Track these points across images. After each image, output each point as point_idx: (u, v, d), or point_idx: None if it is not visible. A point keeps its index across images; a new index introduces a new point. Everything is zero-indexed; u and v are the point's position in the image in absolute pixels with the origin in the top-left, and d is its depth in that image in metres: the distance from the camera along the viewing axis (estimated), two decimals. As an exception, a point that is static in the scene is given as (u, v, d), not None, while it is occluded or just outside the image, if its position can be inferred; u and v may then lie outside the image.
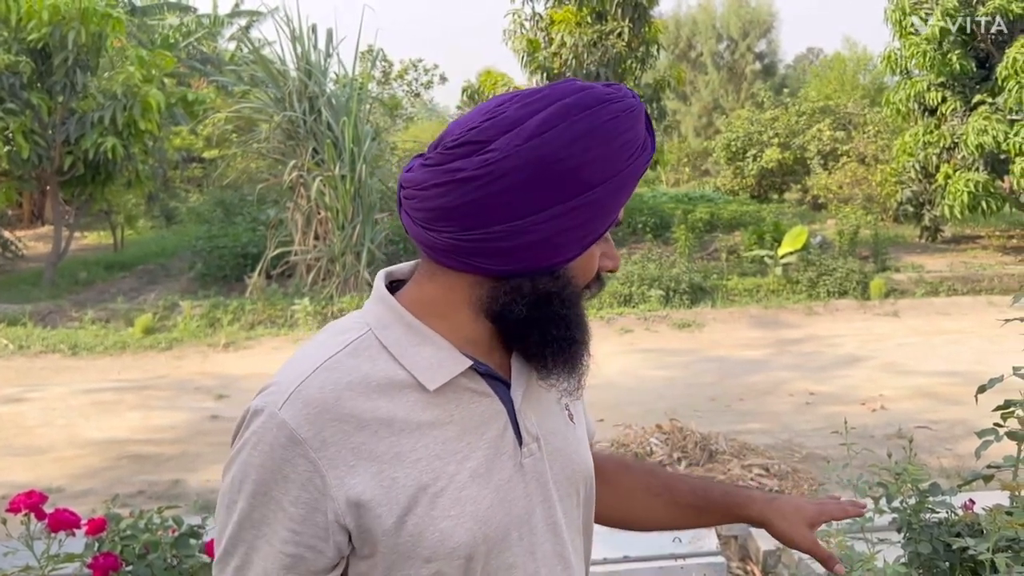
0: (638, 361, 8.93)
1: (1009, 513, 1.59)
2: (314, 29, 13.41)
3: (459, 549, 0.92)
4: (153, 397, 8.16)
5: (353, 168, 12.42)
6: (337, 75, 14.31)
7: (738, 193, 20.74)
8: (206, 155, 18.48)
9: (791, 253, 12.63)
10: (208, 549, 2.32)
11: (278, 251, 12.56)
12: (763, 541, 3.75)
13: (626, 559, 3.22)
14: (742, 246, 13.83)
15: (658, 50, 15.02)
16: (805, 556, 3.10)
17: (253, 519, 0.91)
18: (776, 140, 20.25)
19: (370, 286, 9.51)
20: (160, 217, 19.78)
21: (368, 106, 14.65)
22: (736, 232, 14.89)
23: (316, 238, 12.56)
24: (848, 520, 2.27)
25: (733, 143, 21.00)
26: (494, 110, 0.94)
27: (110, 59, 13.67)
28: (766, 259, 12.97)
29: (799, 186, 20.80)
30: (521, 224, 0.92)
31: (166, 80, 15.73)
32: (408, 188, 0.97)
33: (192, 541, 2.34)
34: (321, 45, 13.57)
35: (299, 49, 13.09)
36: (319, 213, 12.51)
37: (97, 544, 2.24)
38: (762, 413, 6.92)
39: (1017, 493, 1.63)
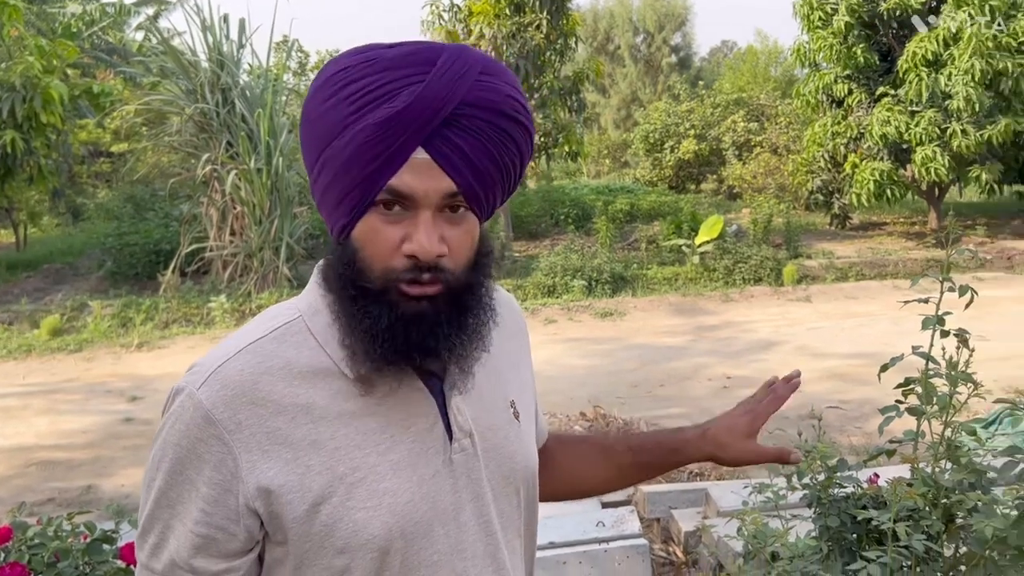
0: (562, 350, 9.01)
1: (909, 484, 1.66)
2: (226, 19, 13.04)
3: (373, 541, 0.91)
4: (62, 401, 7.84)
5: (269, 161, 12.15)
6: (251, 66, 13.97)
7: (657, 184, 21.12)
8: (114, 149, 17.78)
9: (708, 242, 12.93)
10: (123, 554, 2.25)
11: (192, 247, 12.20)
12: (684, 523, 3.84)
13: (552, 545, 3.26)
14: (661, 236, 14.09)
15: (576, 43, 15.14)
16: (724, 534, 3.19)
17: (169, 498, 0.91)
18: (692, 132, 20.69)
19: (289, 281, 9.28)
20: (66, 214, 18.98)
21: (284, 98, 14.35)
22: (655, 222, 15.16)
23: (232, 233, 12.25)
24: (763, 498, 2.36)
25: (651, 135, 21.36)
26: None
27: (7, 49, 13.00)
28: (684, 248, 13.25)
29: (715, 176, 21.32)
30: (311, 181, 0.96)
31: (69, 71, 15.04)
32: None
33: (105, 547, 2.26)
34: (233, 35, 13.21)
35: (210, 39, 12.72)
36: (235, 208, 12.20)
37: (3, 554, 2.15)
38: (682, 398, 7.08)
39: (916, 465, 1.71)
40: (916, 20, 12.97)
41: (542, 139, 15.12)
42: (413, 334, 0.90)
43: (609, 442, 1.32)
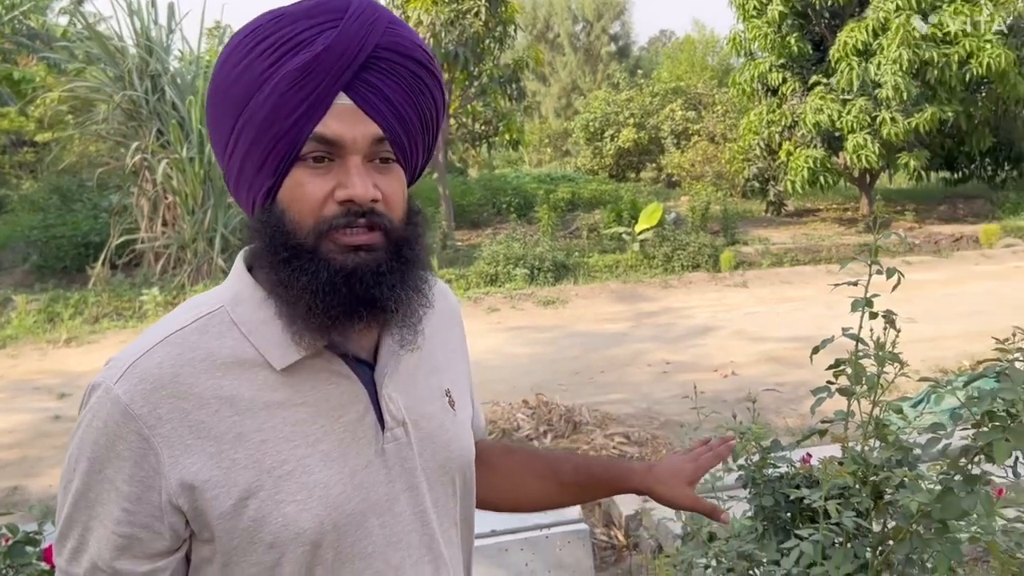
0: (504, 339, 9.02)
1: (840, 463, 1.69)
2: (153, 3, 12.70)
3: (304, 535, 0.89)
4: (-15, 400, 7.55)
5: (202, 150, 11.89)
6: (182, 52, 13.66)
7: (597, 173, 21.29)
8: (38, 138, 17.12)
9: (647, 229, 13.09)
10: (47, 556, 2.17)
11: (123, 239, 11.91)
12: (625, 507, 3.88)
13: (493, 533, 3.25)
14: (602, 224, 14.21)
15: (515, 30, 15.11)
16: (663, 517, 3.22)
17: (88, 498, 0.88)
18: (632, 120, 20.88)
19: (224, 273, 9.13)
20: (-13, 206, 18.27)
21: (217, 85, 14.04)
22: (596, 210, 15.29)
23: (164, 224, 11.97)
24: (701, 480, 2.38)
25: (591, 123, 21.50)
26: None
27: (-79, 33, 12.44)
28: (624, 236, 13.39)
29: (654, 165, 21.56)
30: (223, 161, 0.93)
31: (-12, 57, 14.48)
32: None
33: (29, 549, 2.18)
34: (162, 20, 12.89)
35: (138, 24, 12.38)
36: (166, 198, 11.92)
37: (-85, 561, 2.04)
38: (622, 384, 7.14)
39: (846, 444, 1.74)
40: (917, 20, 13.24)
41: (482, 127, 15.08)
42: (356, 286, 0.88)
43: (555, 458, 1.32)
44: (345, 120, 0.88)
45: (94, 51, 12.75)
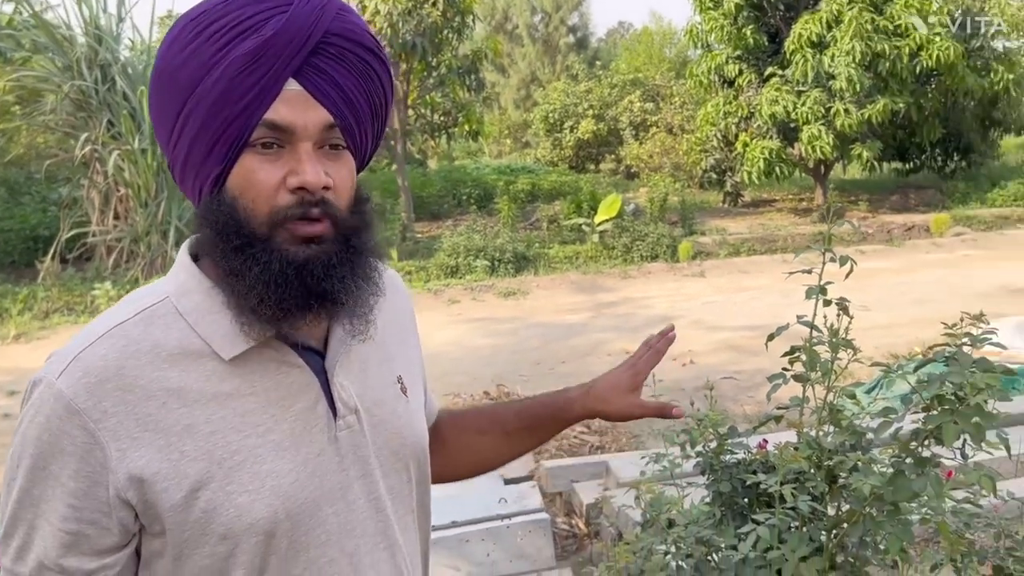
0: (465, 331, 9.00)
1: (796, 448, 1.72)
2: (103, -10, 12.40)
3: (258, 525, 0.88)
4: (-70, 399, 7.33)
5: (154, 141, 11.63)
6: (132, 41, 13.37)
7: (557, 164, 21.32)
8: (-17, 129, 16.68)
9: (607, 220, 13.15)
10: (-7, 558, 2.11)
11: (73, 232, 11.64)
12: (585, 495, 3.90)
13: (454, 524, 3.25)
14: (562, 215, 14.24)
15: (474, 21, 15.03)
16: (623, 505, 3.24)
17: (32, 496, 0.86)
18: (591, 112, 20.92)
19: (179, 266, 9.05)
20: (-70, 199, 17.72)
21: (170, 75, 13.77)
22: (556, 202, 15.31)
23: (116, 217, 11.73)
24: (660, 467, 2.40)
25: (551, 115, 21.51)
26: None
27: None
28: (584, 227, 13.43)
29: (613, 156, 21.65)
30: (168, 147, 0.92)
31: (-71, 45, 14.00)
32: None
33: (-27, 552, 2.12)
34: (112, 8, 12.62)
35: (86, 12, 12.09)
36: (118, 190, 11.67)
37: None
38: (583, 374, 7.16)
39: (802, 430, 1.77)
40: (917, 21, 13.33)
41: (441, 118, 14.99)
42: (308, 279, 0.88)
43: (497, 410, 1.31)
44: (295, 106, 0.87)
45: (41, 40, 12.41)
